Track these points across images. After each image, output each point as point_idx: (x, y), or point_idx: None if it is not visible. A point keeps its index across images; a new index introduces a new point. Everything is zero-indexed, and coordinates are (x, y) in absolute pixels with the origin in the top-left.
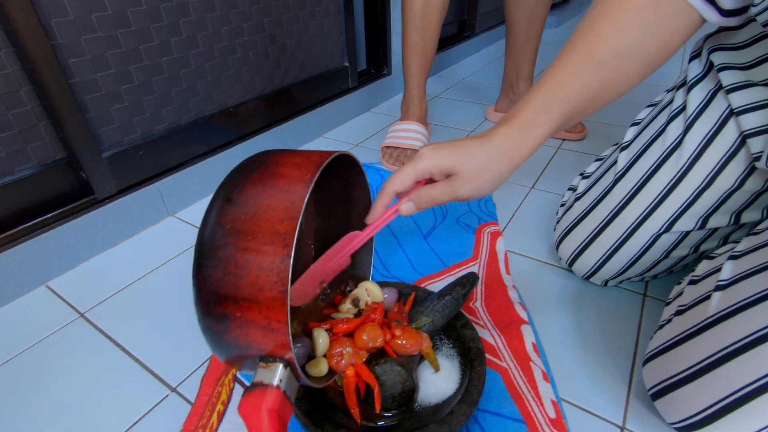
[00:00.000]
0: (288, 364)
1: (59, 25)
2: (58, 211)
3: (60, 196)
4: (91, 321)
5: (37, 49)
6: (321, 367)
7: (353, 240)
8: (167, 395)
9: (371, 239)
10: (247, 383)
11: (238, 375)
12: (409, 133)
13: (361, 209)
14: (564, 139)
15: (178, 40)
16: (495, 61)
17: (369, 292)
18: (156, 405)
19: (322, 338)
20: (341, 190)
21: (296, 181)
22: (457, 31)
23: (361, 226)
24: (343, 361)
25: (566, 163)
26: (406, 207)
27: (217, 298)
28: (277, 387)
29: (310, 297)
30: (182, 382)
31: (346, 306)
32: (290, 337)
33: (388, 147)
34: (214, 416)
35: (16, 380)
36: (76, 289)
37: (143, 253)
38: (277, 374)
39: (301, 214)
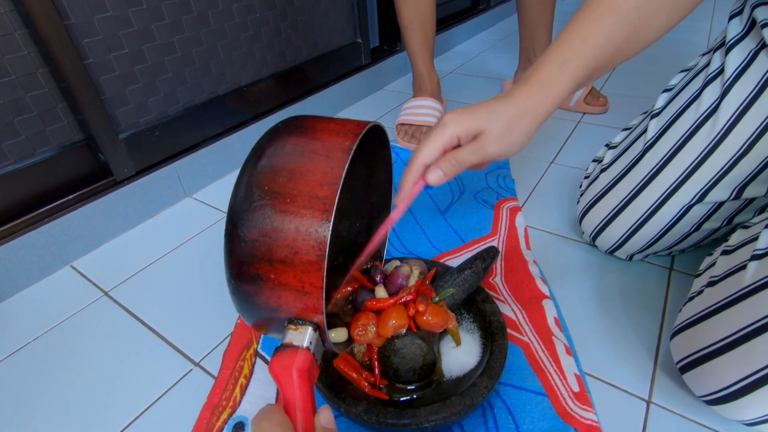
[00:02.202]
0: (317, 327)
1: (71, 4)
2: (78, 193)
3: (80, 178)
4: (116, 299)
5: (51, 29)
6: (340, 334)
7: (387, 224)
8: (191, 370)
9: (389, 211)
10: (268, 358)
11: (260, 350)
12: (423, 109)
13: (381, 183)
14: (585, 113)
15: (189, 18)
16: (510, 35)
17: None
18: (180, 379)
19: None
20: (364, 163)
21: (335, 147)
22: (471, 4)
23: (380, 200)
24: (364, 338)
25: (587, 137)
26: (435, 175)
27: (251, 259)
28: (307, 348)
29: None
30: (205, 356)
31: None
32: (323, 301)
33: (402, 124)
34: (237, 389)
35: (45, 358)
36: (99, 268)
37: (163, 233)
38: (307, 336)
39: (341, 180)
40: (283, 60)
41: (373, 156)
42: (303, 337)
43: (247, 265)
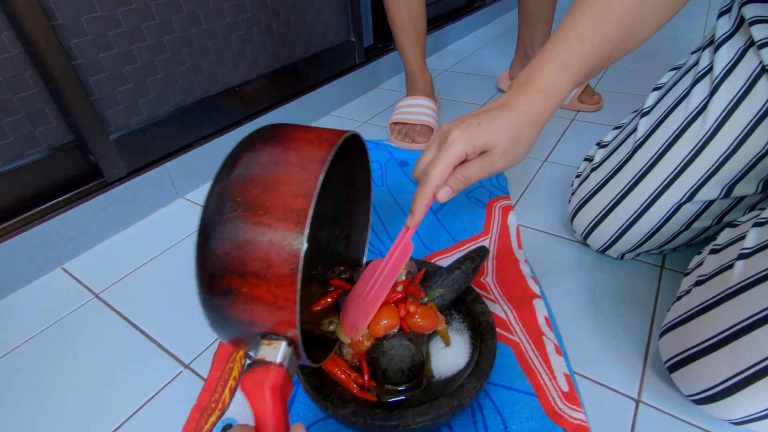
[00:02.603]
0: (292, 342)
1: (59, 5)
2: (69, 195)
3: (70, 180)
4: (106, 301)
5: (38, 30)
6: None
7: (398, 260)
8: (180, 372)
9: (368, 218)
10: None
11: (250, 352)
12: (416, 108)
13: (361, 191)
14: (579, 111)
15: (180, 18)
16: (506, 32)
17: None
18: (170, 382)
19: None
20: (342, 171)
21: (311, 158)
22: (466, 2)
23: (360, 207)
24: (358, 344)
25: (581, 134)
26: (444, 193)
27: (222, 272)
28: (280, 365)
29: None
30: (195, 359)
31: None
32: (298, 316)
33: (396, 123)
34: (227, 392)
35: (34, 360)
36: (90, 270)
37: (155, 234)
38: (281, 352)
39: (316, 192)
40: (275, 59)
41: (351, 163)
42: (276, 352)
43: (219, 278)
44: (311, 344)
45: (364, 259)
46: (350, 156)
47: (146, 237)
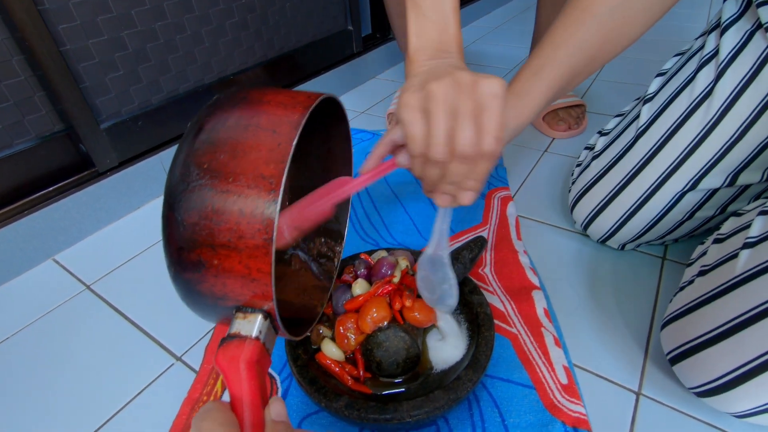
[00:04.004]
0: (268, 315)
1: None
2: (60, 185)
3: (61, 169)
4: (98, 293)
5: (24, 14)
6: (329, 348)
7: (341, 186)
8: (172, 364)
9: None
10: None
11: None
12: None
13: (340, 162)
14: (552, 137)
15: (172, 4)
16: (506, 23)
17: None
18: (161, 374)
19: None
20: (320, 139)
21: (283, 121)
22: None
23: (339, 177)
24: (349, 345)
25: None
26: (404, 157)
27: (191, 244)
28: (256, 338)
29: (282, 242)
30: (187, 351)
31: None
32: (273, 288)
33: (393, 113)
34: (218, 384)
35: (25, 352)
36: (82, 261)
37: (148, 225)
38: (256, 325)
39: (290, 157)
40: (271, 48)
41: (330, 132)
42: (252, 326)
43: (188, 251)
44: (291, 318)
45: (346, 231)
46: (328, 123)
47: (139, 228)
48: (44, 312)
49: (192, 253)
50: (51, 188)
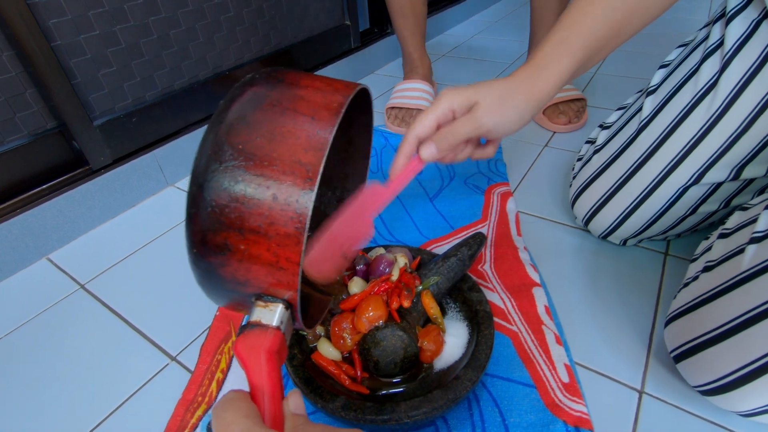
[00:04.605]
0: (290, 305)
1: None
2: (53, 183)
3: (54, 167)
4: (92, 292)
5: (14, 9)
6: (326, 348)
7: (374, 197)
8: (167, 364)
9: (363, 184)
10: None
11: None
12: (414, 92)
13: (359, 153)
14: (553, 131)
15: None
16: (506, 16)
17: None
18: (156, 374)
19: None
20: (342, 129)
21: (322, 108)
22: None
23: (355, 170)
24: (345, 345)
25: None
26: (428, 151)
27: (218, 226)
28: (277, 328)
29: (331, 273)
30: (182, 351)
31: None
32: (299, 279)
33: (392, 108)
34: (213, 384)
35: (19, 352)
36: (76, 260)
37: (143, 223)
38: (278, 315)
39: (328, 146)
40: (267, 43)
41: (352, 122)
42: (273, 315)
43: (213, 232)
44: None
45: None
46: (352, 114)
47: (134, 227)
48: (38, 312)
49: (218, 236)
50: (44, 186)
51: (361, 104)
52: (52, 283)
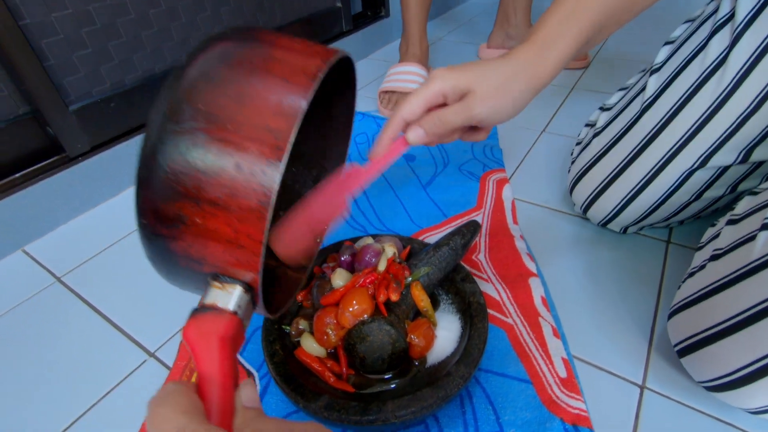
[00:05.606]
0: (250, 288)
1: None
2: (27, 171)
3: (28, 155)
4: (69, 285)
5: None
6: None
7: (354, 177)
8: (145, 360)
9: (342, 165)
10: None
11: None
12: (408, 75)
13: (338, 131)
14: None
15: None
16: None
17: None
18: (134, 370)
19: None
20: (321, 102)
21: (298, 71)
22: None
23: (334, 149)
24: (329, 341)
25: (582, 103)
26: (415, 134)
27: (171, 194)
28: (234, 313)
29: (300, 255)
30: (160, 347)
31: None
32: (261, 259)
33: (386, 92)
34: (193, 380)
35: None
36: (53, 252)
37: (123, 214)
38: (235, 298)
39: (302, 112)
40: (254, 24)
41: (333, 95)
42: (230, 298)
43: (166, 201)
44: (268, 290)
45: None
46: (332, 86)
47: (113, 217)
48: (13, 305)
49: (172, 206)
50: (18, 174)
51: (344, 77)
52: (28, 276)
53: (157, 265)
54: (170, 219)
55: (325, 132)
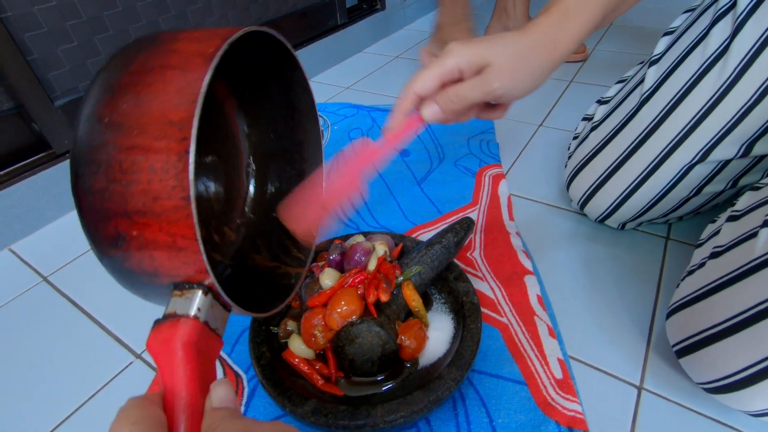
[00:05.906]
0: (209, 290)
1: None
2: (12, 168)
3: (14, 152)
4: (55, 285)
5: None
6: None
7: (367, 154)
8: (132, 362)
9: (320, 149)
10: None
11: None
12: None
13: (306, 117)
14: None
15: None
16: None
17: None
18: (120, 372)
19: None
20: (282, 95)
21: (194, 56)
22: None
23: (307, 136)
24: (317, 343)
25: (580, 97)
26: (431, 111)
27: (104, 213)
28: (194, 317)
29: (310, 228)
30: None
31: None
32: (204, 256)
33: (429, 50)
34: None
35: None
36: (39, 251)
37: None
38: (195, 303)
39: (201, 95)
40: (246, 17)
41: (289, 84)
42: (189, 303)
43: (103, 222)
44: (265, 290)
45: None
46: (287, 75)
47: None
48: None
49: (108, 226)
50: (2, 172)
51: (287, 59)
52: (14, 275)
53: (125, 285)
54: (113, 238)
55: (294, 123)
